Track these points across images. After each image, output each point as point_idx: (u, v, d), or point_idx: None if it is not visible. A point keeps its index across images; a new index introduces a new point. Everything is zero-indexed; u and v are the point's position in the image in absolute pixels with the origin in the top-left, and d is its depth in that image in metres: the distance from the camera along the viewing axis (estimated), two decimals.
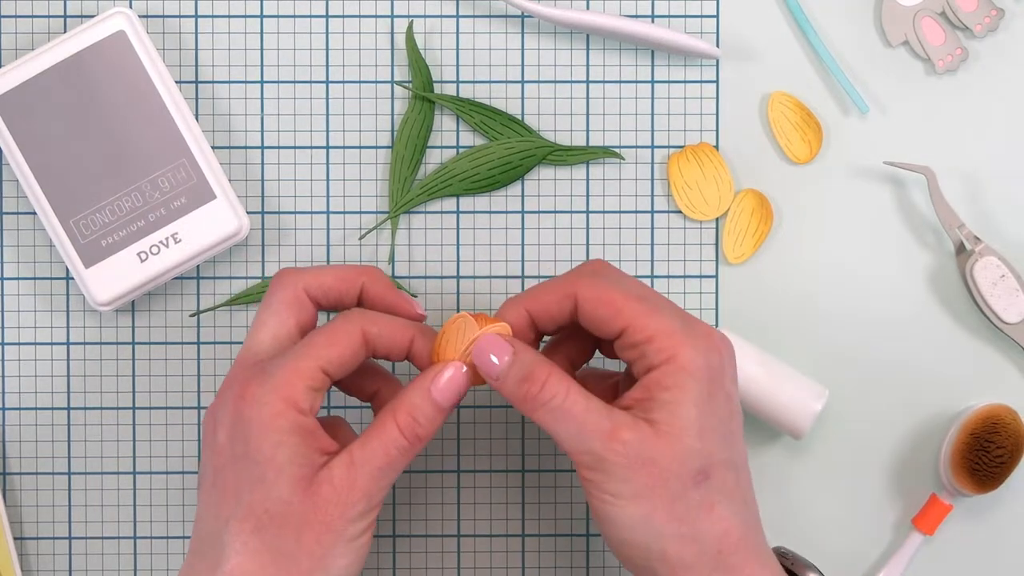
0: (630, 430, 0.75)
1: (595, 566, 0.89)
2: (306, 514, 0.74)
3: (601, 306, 0.77)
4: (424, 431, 0.76)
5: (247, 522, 0.74)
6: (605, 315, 0.76)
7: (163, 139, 0.85)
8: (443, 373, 0.77)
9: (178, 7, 0.88)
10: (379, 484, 0.75)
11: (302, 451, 0.75)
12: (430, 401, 0.76)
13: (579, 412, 0.75)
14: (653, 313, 0.76)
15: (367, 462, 0.75)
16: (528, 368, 0.76)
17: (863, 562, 0.89)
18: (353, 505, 0.74)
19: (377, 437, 0.76)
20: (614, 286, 0.77)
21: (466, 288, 0.89)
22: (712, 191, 0.89)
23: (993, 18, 0.89)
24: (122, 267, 0.85)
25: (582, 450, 0.75)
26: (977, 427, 0.87)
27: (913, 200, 0.89)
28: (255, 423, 0.74)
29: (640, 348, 0.76)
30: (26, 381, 0.88)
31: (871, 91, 0.89)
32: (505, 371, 0.76)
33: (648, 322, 0.76)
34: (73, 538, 0.89)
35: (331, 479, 0.74)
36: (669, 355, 0.75)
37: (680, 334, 0.75)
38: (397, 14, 0.88)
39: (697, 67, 0.89)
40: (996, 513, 0.90)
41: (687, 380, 0.75)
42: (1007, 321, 0.87)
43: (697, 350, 0.75)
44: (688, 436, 0.75)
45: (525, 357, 0.76)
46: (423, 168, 0.89)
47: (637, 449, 0.74)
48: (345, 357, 0.76)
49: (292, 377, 0.75)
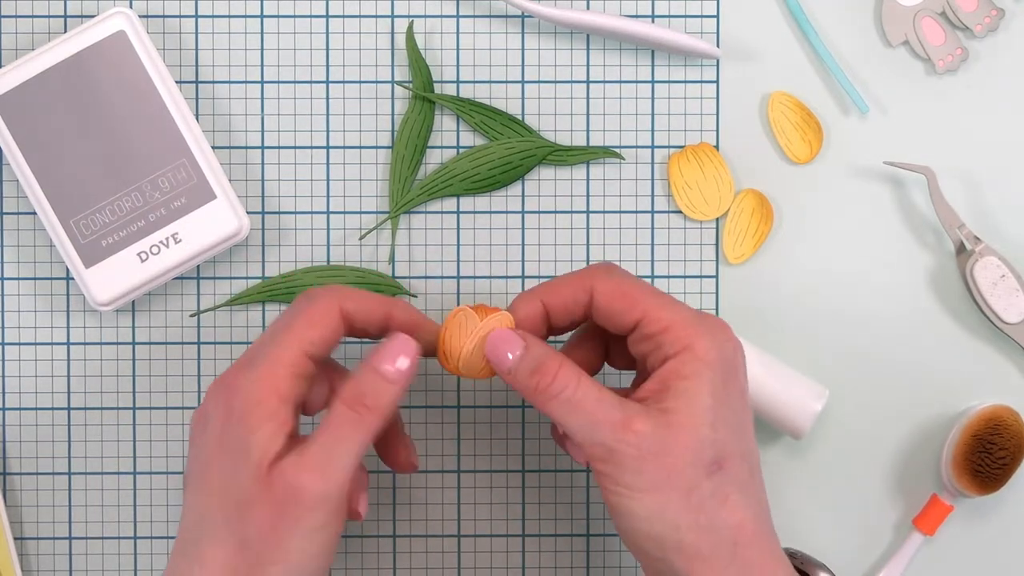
0: (643, 420, 0.74)
1: (595, 566, 0.89)
2: (262, 504, 0.74)
3: (617, 298, 0.77)
4: (372, 400, 0.75)
5: (219, 512, 0.75)
6: (621, 307, 0.77)
7: (163, 139, 0.85)
8: (386, 343, 0.76)
9: (178, 7, 0.88)
10: (330, 466, 0.74)
11: (274, 438, 0.74)
12: (373, 371, 0.76)
13: (590, 403, 0.75)
14: (668, 306, 0.76)
15: (314, 442, 0.75)
16: (539, 360, 0.76)
17: (863, 562, 0.89)
18: (304, 492, 0.74)
19: (326, 416, 0.75)
20: (630, 280, 0.78)
21: (466, 288, 0.89)
22: (712, 191, 0.89)
23: (993, 18, 0.89)
24: (122, 267, 0.85)
25: (594, 442, 0.75)
26: (979, 428, 0.87)
27: (913, 200, 0.89)
28: (237, 413, 0.75)
29: (656, 339, 0.76)
30: (26, 381, 0.88)
31: (871, 91, 0.89)
32: (516, 364, 0.77)
33: (663, 313, 0.76)
34: (73, 538, 0.89)
35: (284, 466, 0.74)
36: (686, 344, 0.75)
37: (696, 324, 0.76)
38: (397, 14, 0.88)
39: (697, 67, 0.89)
40: (996, 514, 0.90)
41: (704, 369, 0.75)
42: (1007, 321, 0.87)
43: (714, 340, 0.75)
44: (703, 425, 0.75)
45: (536, 350, 0.77)
46: (423, 168, 0.89)
47: (650, 440, 0.74)
48: (326, 336, 0.77)
49: (276, 366, 0.75)
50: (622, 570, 0.89)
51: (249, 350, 0.77)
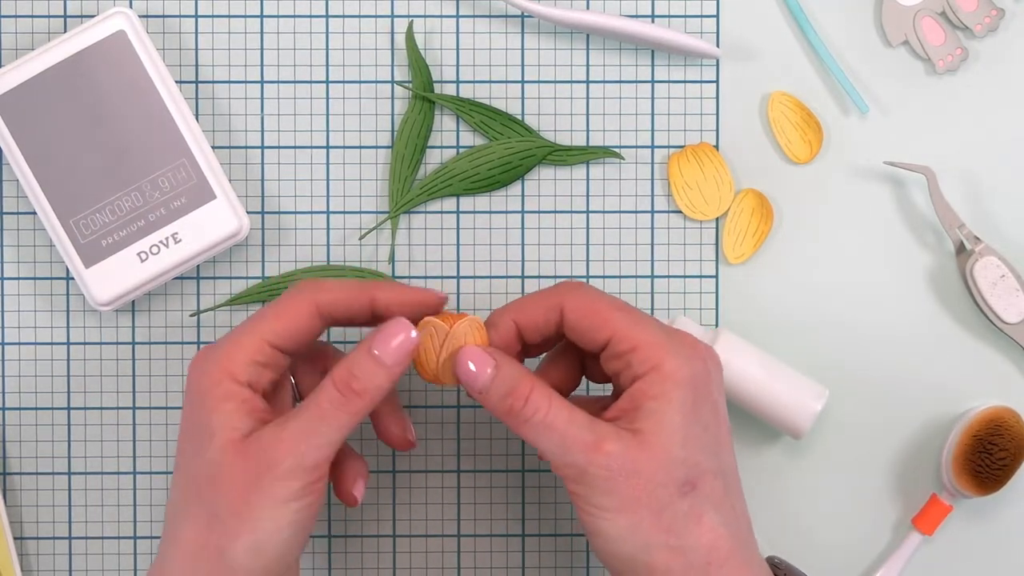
0: (613, 442, 0.74)
1: (595, 566, 0.89)
2: (234, 475, 0.74)
3: (587, 316, 0.77)
4: (360, 384, 0.75)
5: (189, 490, 0.75)
6: (591, 325, 0.77)
7: (163, 139, 0.85)
8: (383, 327, 0.76)
9: (178, 7, 0.88)
10: (310, 441, 0.74)
11: (235, 416, 0.75)
12: (367, 354, 0.76)
13: (561, 425, 0.75)
14: (637, 324, 0.76)
15: (297, 417, 0.75)
16: (512, 383, 0.76)
17: (862, 561, 0.89)
18: (280, 462, 0.74)
19: (313, 393, 0.76)
20: (599, 296, 0.78)
21: (466, 288, 0.89)
22: (712, 191, 0.89)
23: (993, 18, 0.89)
24: (122, 267, 0.85)
25: (566, 463, 0.75)
26: (980, 429, 0.87)
27: (913, 200, 0.89)
28: (197, 393, 0.75)
29: (625, 358, 0.76)
30: (26, 381, 0.88)
31: (871, 91, 0.89)
32: (487, 385, 0.76)
33: (632, 332, 0.76)
34: (73, 538, 0.89)
35: (259, 438, 0.74)
36: (654, 364, 0.75)
37: (665, 344, 0.76)
38: (397, 14, 0.88)
39: (697, 67, 0.89)
40: (996, 515, 0.90)
41: (672, 388, 0.75)
42: (1007, 321, 0.87)
43: (681, 359, 0.75)
44: (674, 445, 0.75)
45: (508, 371, 0.76)
46: (423, 168, 0.89)
47: (620, 461, 0.74)
48: (294, 330, 0.77)
49: (233, 350, 0.76)
50: None
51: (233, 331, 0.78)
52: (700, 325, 0.89)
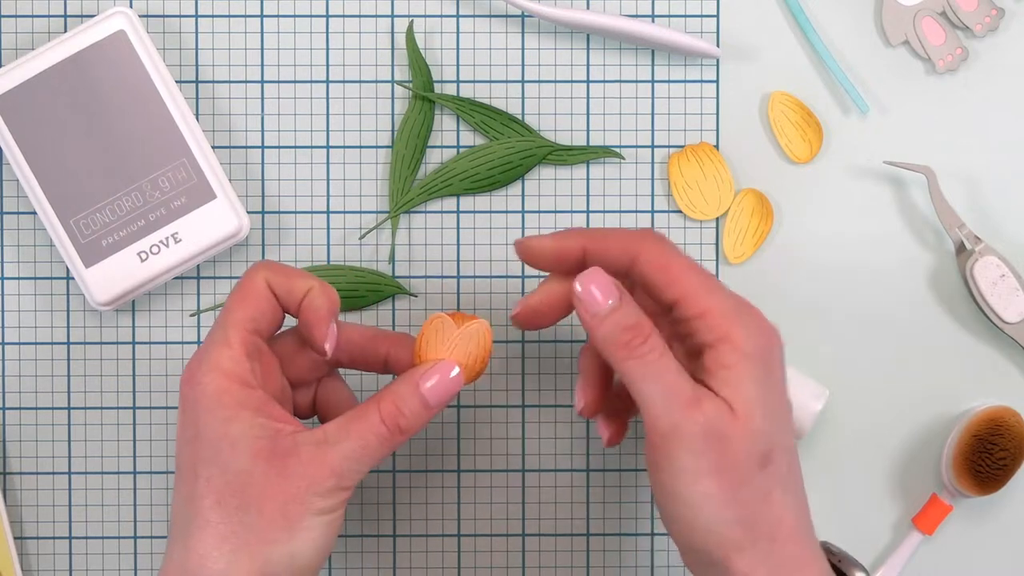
0: (711, 402, 0.74)
1: (595, 566, 0.89)
2: (269, 486, 0.74)
3: (660, 271, 0.76)
4: (407, 423, 0.76)
5: (206, 498, 0.74)
6: (662, 281, 0.76)
7: (163, 139, 0.85)
8: (436, 370, 0.76)
9: (178, 7, 0.88)
10: (351, 466, 0.75)
11: (257, 422, 0.74)
12: (418, 395, 0.76)
13: (670, 374, 0.74)
14: (708, 289, 0.75)
15: (341, 442, 0.75)
16: (636, 317, 0.75)
17: (862, 560, 0.89)
18: (322, 482, 0.74)
19: (357, 420, 0.75)
20: (675, 255, 0.76)
21: (466, 288, 0.89)
22: (712, 191, 0.89)
23: (993, 18, 0.89)
24: (122, 267, 0.85)
25: (662, 414, 0.74)
26: (980, 429, 0.87)
27: (913, 200, 0.89)
28: (202, 404, 0.75)
29: (692, 323, 0.75)
30: (26, 381, 0.88)
31: (871, 91, 0.89)
32: (610, 313, 0.75)
33: (704, 297, 0.75)
34: (73, 538, 0.89)
35: (298, 453, 0.74)
36: (722, 334, 0.74)
37: (733, 314, 0.75)
38: (397, 14, 0.88)
39: (697, 67, 0.89)
40: (995, 514, 0.90)
41: (744, 360, 0.74)
42: (1007, 321, 0.87)
43: (751, 331, 0.75)
44: (756, 416, 0.74)
45: (632, 306, 0.75)
46: (423, 168, 0.89)
47: (715, 423, 0.73)
48: (262, 311, 0.77)
49: (227, 352, 0.75)
50: (622, 570, 0.89)
51: (204, 340, 0.77)
52: None
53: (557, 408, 0.89)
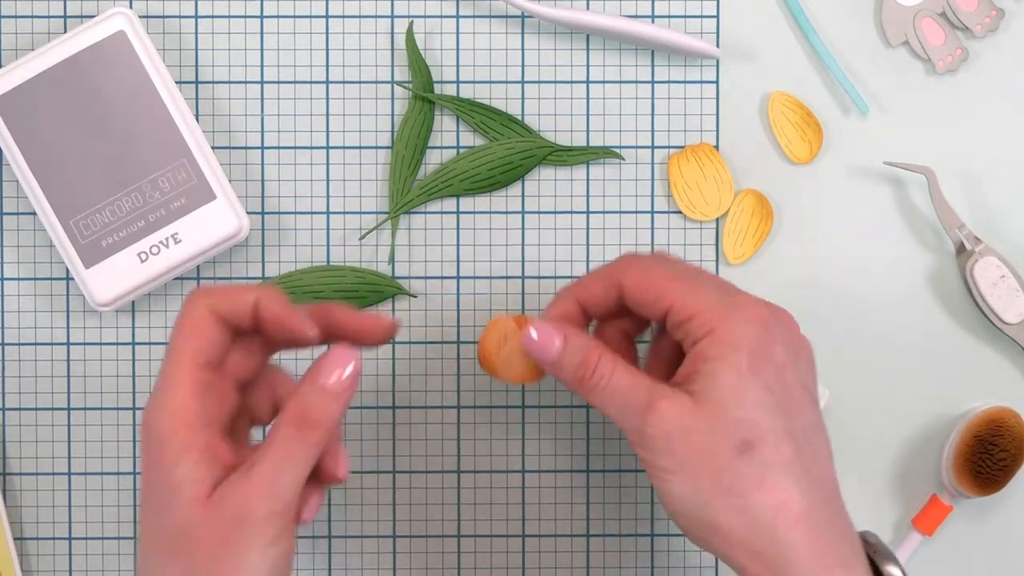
0: (668, 402, 0.75)
1: (595, 566, 0.89)
2: (209, 530, 0.73)
3: (644, 290, 0.77)
4: (317, 416, 0.74)
5: (163, 547, 0.73)
6: (649, 299, 0.77)
7: (163, 139, 0.85)
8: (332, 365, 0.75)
9: (178, 7, 0.88)
10: (278, 482, 0.73)
11: (199, 468, 0.73)
12: (315, 387, 0.75)
13: (623, 389, 0.76)
14: (694, 290, 0.76)
15: (260, 460, 0.73)
16: (582, 353, 0.77)
17: None
18: (254, 509, 0.73)
19: (272, 436, 0.74)
20: (655, 268, 0.77)
21: (466, 288, 0.89)
22: (712, 191, 0.89)
23: (993, 18, 0.89)
24: (122, 267, 0.85)
25: (628, 426, 0.75)
26: (980, 429, 0.87)
27: (913, 200, 0.89)
28: (156, 447, 0.74)
29: (684, 327, 0.76)
30: (26, 381, 0.88)
31: (871, 91, 0.89)
32: (559, 356, 0.77)
33: (688, 300, 0.76)
34: (73, 538, 0.89)
35: (228, 489, 0.73)
36: (709, 328, 0.75)
37: (719, 307, 0.75)
38: (397, 14, 0.88)
39: (697, 67, 0.89)
40: (996, 515, 0.90)
41: (726, 351, 0.75)
42: (1007, 321, 0.87)
43: (736, 321, 0.75)
44: (729, 405, 0.74)
45: (576, 342, 0.77)
46: (423, 168, 0.89)
47: (676, 421, 0.74)
48: (209, 340, 0.75)
49: (174, 393, 0.74)
50: (622, 570, 0.89)
51: (157, 379, 0.76)
52: None
53: (557, 408, 0.89)
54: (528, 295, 0.89)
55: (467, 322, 0.89)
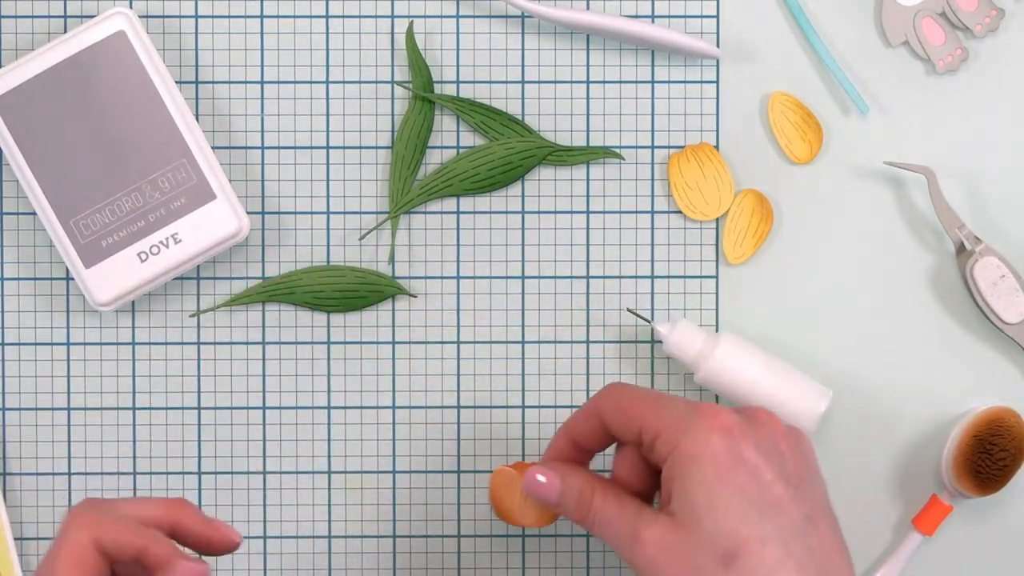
0: (650, 530, 0.76)
1: (595, 567, 0.89)
2: None
3: (617, 415, 0.79)
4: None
5: None
6: (622, 421, 0.78)
7: (163, 139, 0.85)
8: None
9: (178, 7, 0.88)
10: None
11: None
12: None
13: (612, 523, 0.77)
14: (657, 410, 0.77)
15: None
16: (577, 491, 0.79)
17: (862, 561, 0.89)
18: None
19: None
20: (628, 392, 0.79)
21: (466, 288, 0.89)
22: (712, 191, 0.89)
23: (993, 18, 0.89)
24: (122, 267, 0.85)
25: (623, 555, 0.77)
26: (980, 429, 0.87)
27: (913, 200, 0.89)
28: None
29: (654, 447, 0.77)
30: (26, 381, 0.88)
31: (871, 91, 0.89)
32: (560, 497, 0.79)
33: (652, 420, 0.77)
34: None
35: None
36: (672, 445, 0.76)
37: (680, 423, 0.76)
38: (397, 14, 0.88)
39: (697, 67, 0.89)
40: (995, 515, 0.90)
41: (690, 466, 0.75)
42: (1007, 321, 0.87)
43: (698, 433, 0.76)
44: (704, 520, 0.75)
45: (571, 481, 0.80)
46: (423, 168, 0.89)
47: (659, 546, 0.75)
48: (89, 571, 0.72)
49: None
50: (622, 571, 0.89)
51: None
52: (700, 326, 0.89)
53: (557, 409, 0.89)
54: (528, 295, 0.89)
55: (467, 322, 0.89)
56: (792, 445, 0.77)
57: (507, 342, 0.89)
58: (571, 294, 0.89)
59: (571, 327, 0.89)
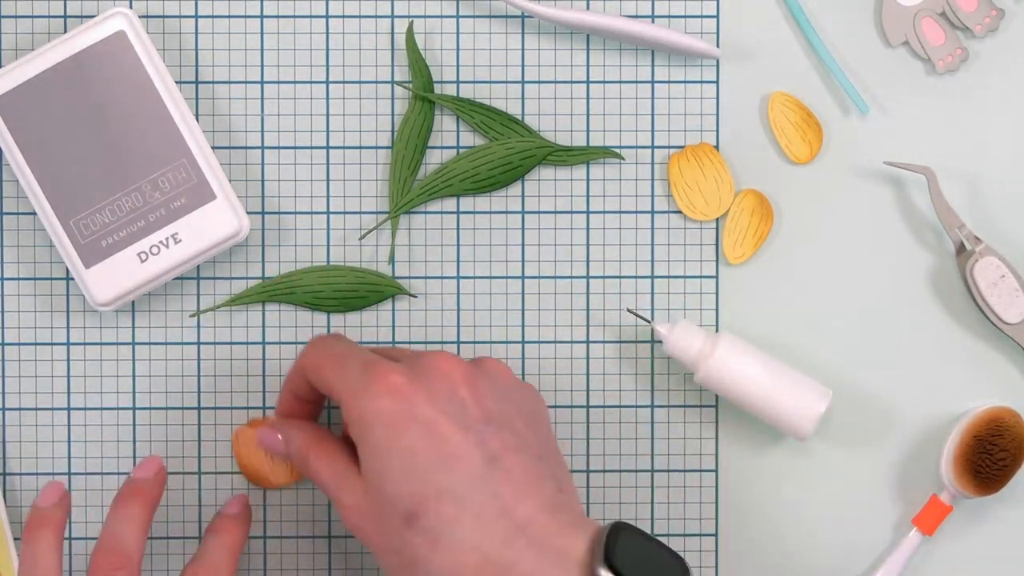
0: (347, 494, 0.77)
1: None
2: None
3: (313, 372, 0.80)
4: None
5: None
6: (316, 380, 0.80)
7: (163, 139, 0.85)
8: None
9: (178, 7, 0.88)
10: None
11: None
12: None
13: (324, 484, 0.79)
14: (339, 371, 0.78)
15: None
16: (295, 445, 0.81)
17: (862, 561, 0.89)
18: None
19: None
20: (321, 350, 0.80)
21: (466, 288, 0.89)
22: (712, 191, 0.89)
23: (993, 18, 0.89)
24: (122, 267, 0.85)
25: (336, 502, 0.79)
26: (980, 429, 0.87)
27: (913, 200, 0.89)
28: None
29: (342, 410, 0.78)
30: (26, 381, 0.88)
31: (871, 91, 0.89)
32: (287, 450, 0.81)
33: (336, 383, 0.78)
34: (73, 538, 0.88)
35: None
36: (347, 411, 0.77)
37: (355, 387, 0.77)
38: (397, 14, 0.88)
39: (697, 67, 0.89)
40: (995, 515, 0.90)
41: (366, 431, 0.76)
42: (1007, 321, 0.87)
43: (369, 398, 0.76)
44: (384, 483, 0.75)
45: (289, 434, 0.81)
46: (423, 168, 0.89)
47: (357, 512, 0.76)
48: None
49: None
50: None
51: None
52: (700, 326, 0.89)
53: (557, 409, 0.89)
54: (528, 295, 0.89)
55: (467, 322, 0.89)
56: (473, 387, 0.77)
57: (507, 342, 0.89)
58: (571, 294, 0.89)
59: (571, 327, 0.89)
